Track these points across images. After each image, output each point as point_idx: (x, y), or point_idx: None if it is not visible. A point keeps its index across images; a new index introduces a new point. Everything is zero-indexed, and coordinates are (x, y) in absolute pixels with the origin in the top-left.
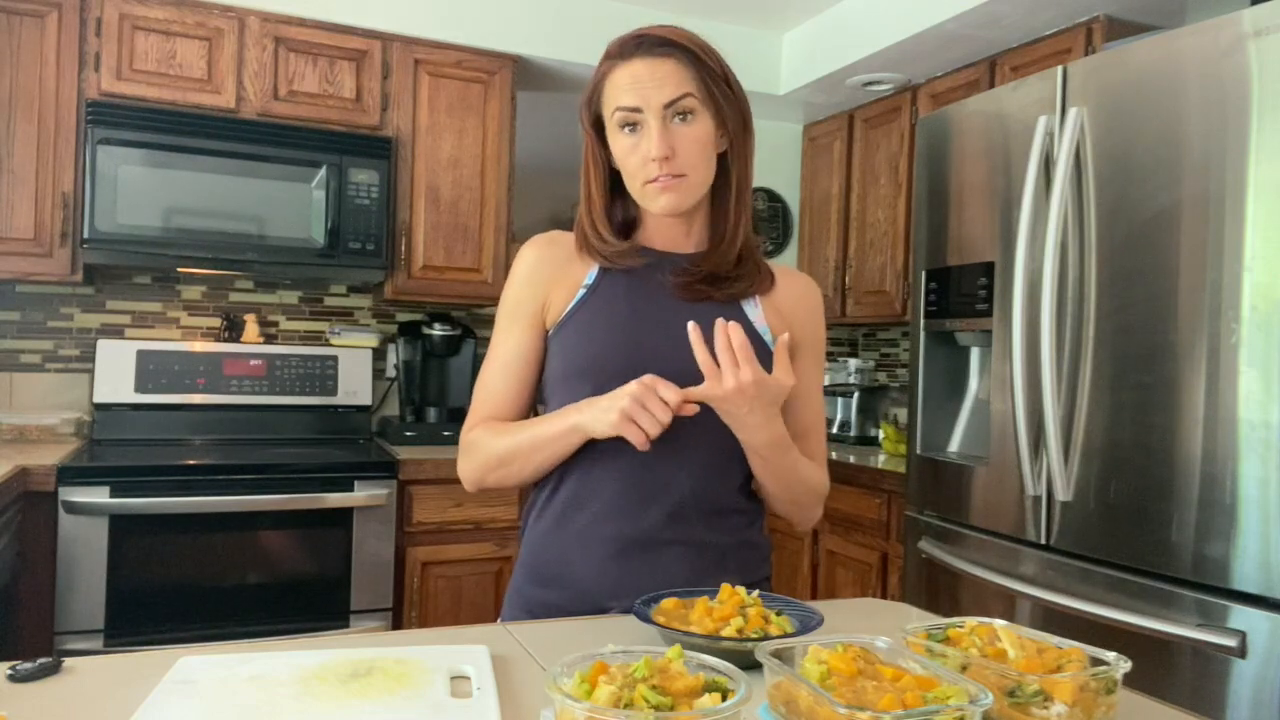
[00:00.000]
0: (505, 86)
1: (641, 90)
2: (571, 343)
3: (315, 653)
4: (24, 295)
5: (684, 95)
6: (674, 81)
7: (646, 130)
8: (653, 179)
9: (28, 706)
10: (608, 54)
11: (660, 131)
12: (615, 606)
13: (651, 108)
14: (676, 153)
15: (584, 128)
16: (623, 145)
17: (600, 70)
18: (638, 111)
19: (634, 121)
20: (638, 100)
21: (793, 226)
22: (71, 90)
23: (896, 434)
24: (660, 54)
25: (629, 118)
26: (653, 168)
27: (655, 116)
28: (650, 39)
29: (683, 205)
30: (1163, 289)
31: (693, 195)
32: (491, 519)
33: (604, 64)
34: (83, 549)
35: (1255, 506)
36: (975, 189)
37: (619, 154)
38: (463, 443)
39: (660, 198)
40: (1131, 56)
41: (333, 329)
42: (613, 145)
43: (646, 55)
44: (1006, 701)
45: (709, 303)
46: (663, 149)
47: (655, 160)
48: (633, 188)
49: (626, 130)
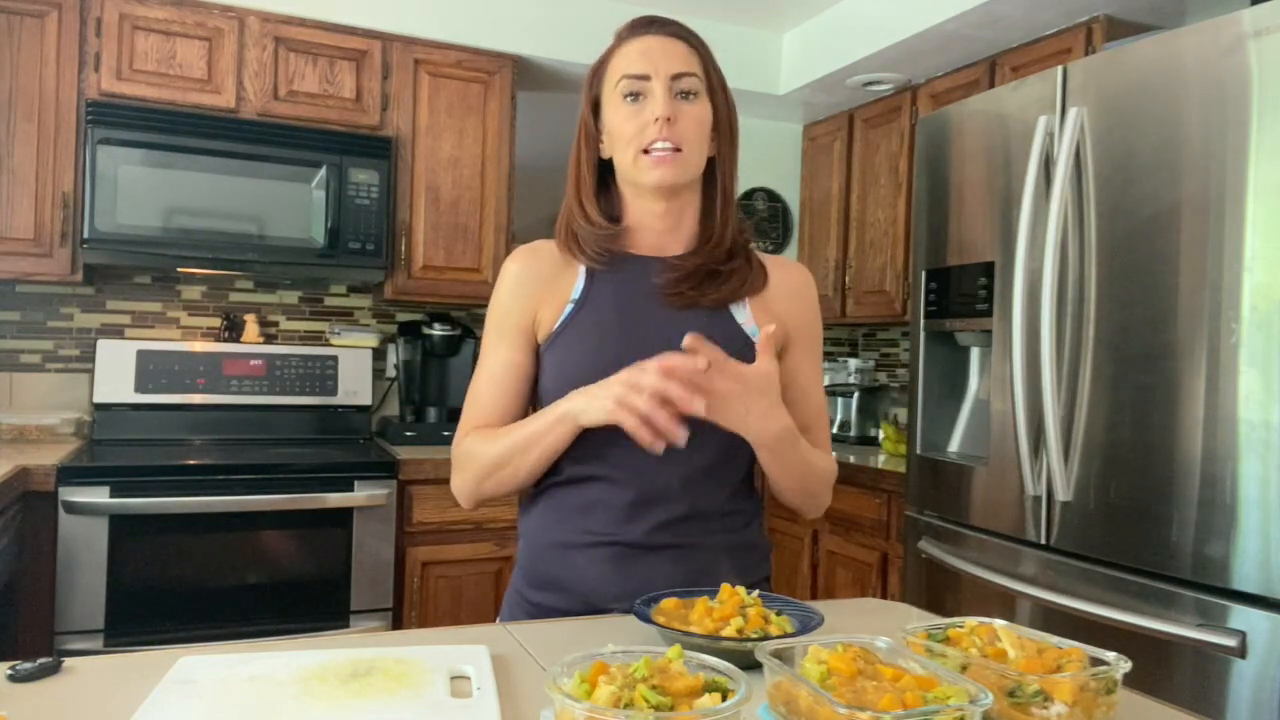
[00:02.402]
0: (505, 86)
1: (651, 58)
2: (563, 357)
3: (315, 653)
4: (24, 295)
5: (691, 73)
6: (682, 58)
7: (651, 96)
8: (648, 147)
9: (28, 706)
10: (618, 35)
11: (665, 96)
12: (615, 609)
13: (660, 75)
14: (677, 123)
15: (583, 106)
16: (623, 113)
17: (609, 49)
18: (645, 79)
19: (638, 91)
20: (647, 67)
21: (793, 226)
22: (71, 90)
23: (896, 434)
24: (672, 33)
25: (634, 85)
26: (652, 130)
27: (662, 84)
28: (661, 20)
29: (675, 180)
30: (1163, 289)
31: (686, 173)
32: (491, 519)
33: (613, 43)
34: (83, 549)
35: (1255, 506)
36: (975, 189)
37: (616, 124)
38: (454, 455)
39: (654, 170)
40: (1131, 56)
41: (333, 329)
42: (611, 117)
43: (659, 32)
44: (1006, 701)
45: (697, 309)
46: (667, 109)
47: (658, 120)
48: (625, 159)
49: (629, 99)
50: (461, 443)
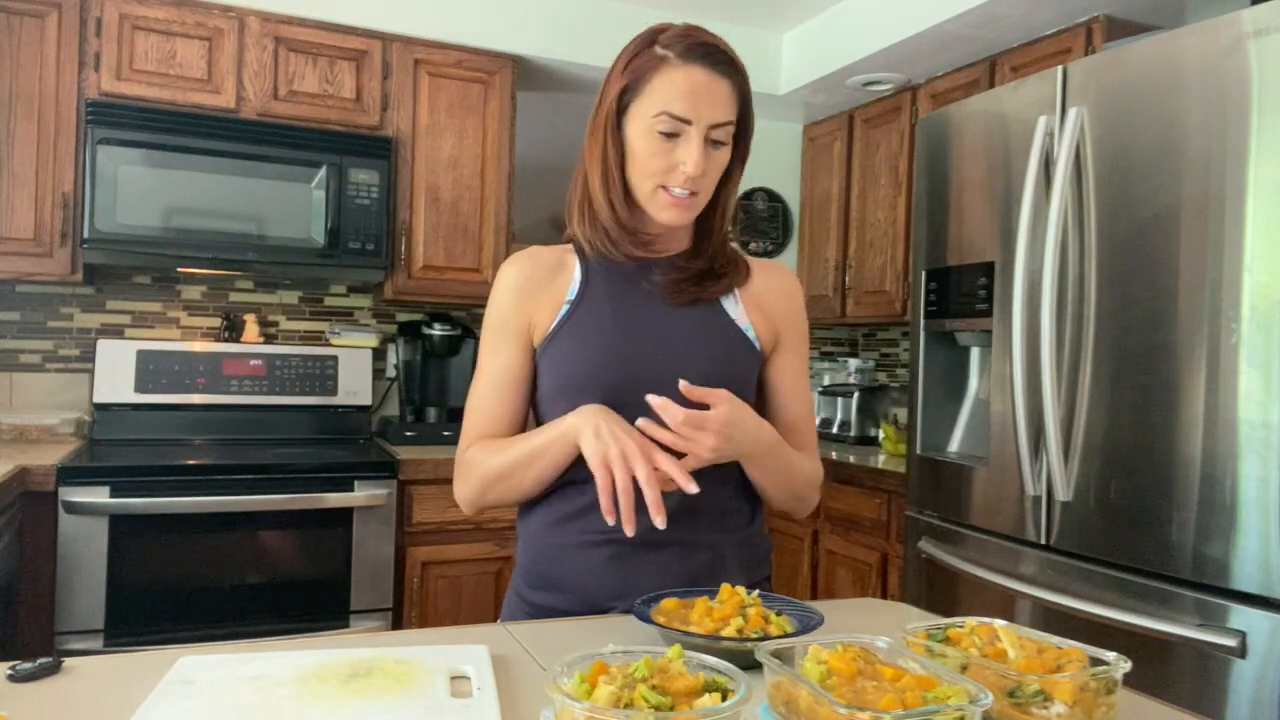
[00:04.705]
0: (505, 86)
1: (696, 104)
2: (560, 358)
3: (315, 653)
4: (24, 295)
5: (728, 123)
6: (725, 105)
7: (687, 143)
8: (666, 188)
9: (28, 706)
10: (665, 44)
11: (701, 149)
12: (615, 608)
13: (700, 123)
14: (703, 173)
15: (608, 100)
16: (653, 146)
17: (653, 58)
18: (686, 123)
19: (675, 131)
20: (690, 113)
21: (793, 226)
22: (71, 90)
23: (896, 434)
24: (721, 70)
25: (673, 126)
26: (679, 180)
27: (700, 133)
28: (717, 52)
29: (687, 221)
30: (1163, 289)
31: (697, 213)
32: (492, 519)
33: (659, 53)
34: (83, 549)
35: (1255, 506)
36: (975, 189)
37: (642, 152)
38: (458, 463)
39: (668, 211)
40: (1131, 56)
41: (333, 329)
42: (638, 142)
43: (710, 67)
44: (1006, 701)
45: (693, 305)
46: (699, 166)
47: (690, 176)
48: (641, 186)
49: (663, 136)
50: (466, 451)
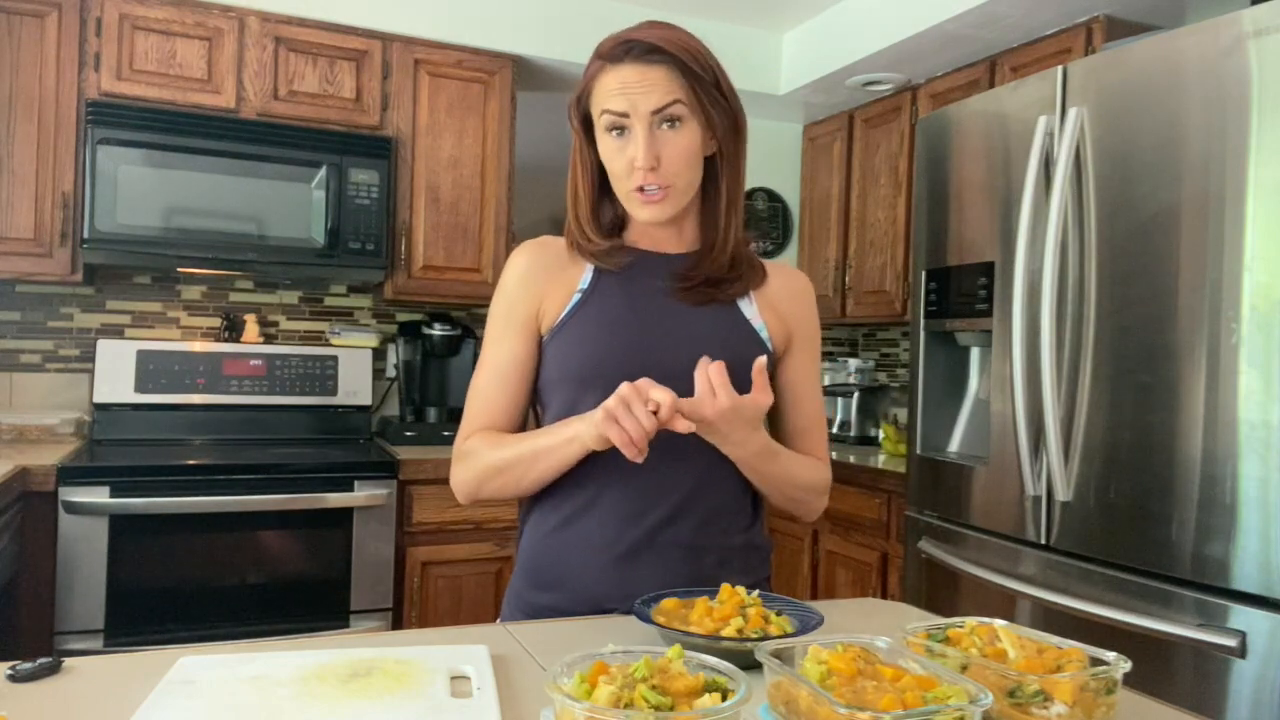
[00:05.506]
0: (505, 86)
1: (629, 96)
2: (568, 347)
3: (315, 653)
4: (24, 295)
5: (672, 102)
6: (662, 88)
7: (633, 136)
8: (637, 188)
9: (28, 706)
10: (598, 53)
11: (647, 139)
12: (615, 609)
13: (639, 114)
14: (663, 161)
15: (572, 126)
16: (610, 147)
17: (590, 69)
18: (625, 117)
19: (621, 126)
20: (625, 106)
21: (793, 226)
22: (71, 90)
23: (896, 434)
24: (649, 60)
25: (616, 122)
26: (638, 175)
27: (642, 123)
28: (640, 45)
29: (666, 216)
30: (1163, 289)
31: (677, 205)
32: (492, 519)
33: (594, 63)
34: (83, 549)
35: (1255, 506)
36: (975, 189)
37: (606, 155)
38: (457, 452)
39: (645, 209)
40: (1131, 56)
41: (333, 329)
42: (600, 146)
43: (635, 61)
44: (1006, 701)
45: (708, 305)
46: (649, 159)
47: (640, 169)
48: (619, 191)
49: (614, 134)
50: (467, 440)
